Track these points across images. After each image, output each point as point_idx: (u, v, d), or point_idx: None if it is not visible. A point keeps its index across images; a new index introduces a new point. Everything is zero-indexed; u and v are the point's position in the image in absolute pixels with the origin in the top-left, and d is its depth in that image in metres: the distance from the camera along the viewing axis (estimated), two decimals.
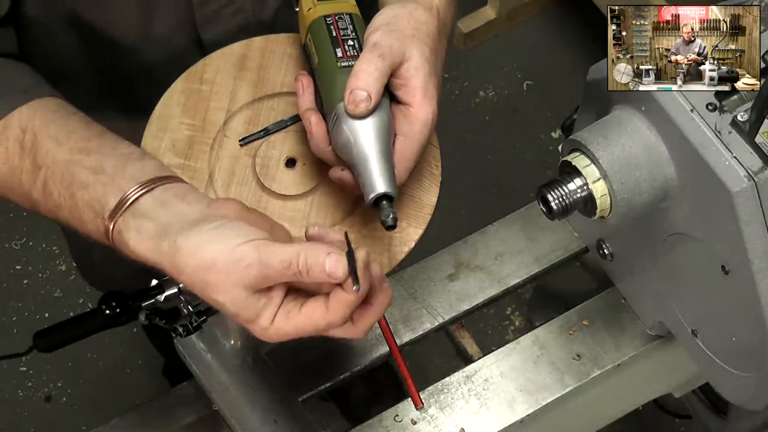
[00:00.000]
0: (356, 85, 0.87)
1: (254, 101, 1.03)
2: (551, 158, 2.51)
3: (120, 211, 0.86)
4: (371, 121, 0.88)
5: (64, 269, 2.41)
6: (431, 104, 0.90)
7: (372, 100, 0.87)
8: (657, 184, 0.99)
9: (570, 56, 2.67)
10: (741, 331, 1.02)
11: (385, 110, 0.89)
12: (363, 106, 0.87)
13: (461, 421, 1.19)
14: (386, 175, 0.87)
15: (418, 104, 0.90)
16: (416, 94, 0.90)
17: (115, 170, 0.88)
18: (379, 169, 0.87)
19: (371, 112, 0.88)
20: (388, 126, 0.89)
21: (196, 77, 1.04)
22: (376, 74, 0.87)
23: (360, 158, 0.88)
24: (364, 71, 0.87)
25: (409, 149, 0.90)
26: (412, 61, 0.90)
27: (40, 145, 0.91)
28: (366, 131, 0.88)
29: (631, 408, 1.39)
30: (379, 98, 0.88)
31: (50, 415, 2.25)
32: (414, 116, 0.90)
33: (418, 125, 0.90)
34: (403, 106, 0.91)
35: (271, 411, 1.18)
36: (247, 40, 1.07)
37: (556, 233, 1.31)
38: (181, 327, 1.06)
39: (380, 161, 0.87)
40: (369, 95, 0.87)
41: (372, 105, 0.87)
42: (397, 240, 0.98)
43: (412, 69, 0.90)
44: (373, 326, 0.86)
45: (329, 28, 0.94)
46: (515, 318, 2.34)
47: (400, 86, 0.91)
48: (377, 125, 0.88)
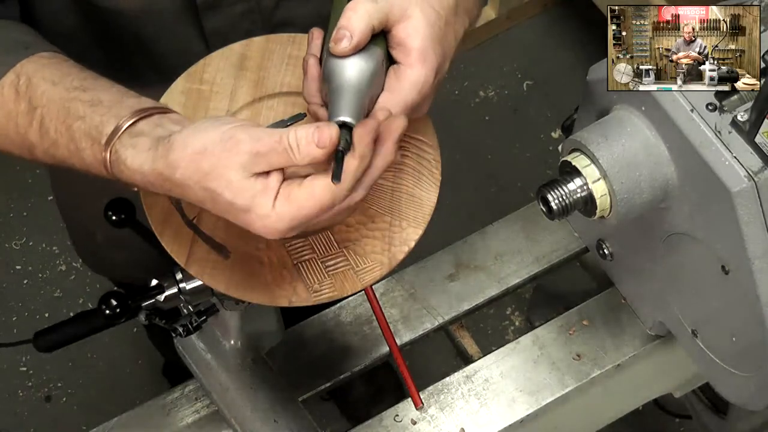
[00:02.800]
0: (341, 23, 0.87)
1: (254, 101, 1.03)
2: (551, 158, 2.51)
3: (117, 134, 0.86)
4: (352, 60, 0.87)
5: (64, 269, 2.41)
6: (425, 67, 0.88)
7: (354, 39, 0.86)
8: (657, 184, 0.99)
9: (570, 56, 2.67)
10: (741, 331, 1.02)
11: (371, 58, 0.88)
12: (343, 44, 0.86)
13: (461, 421, 1.19)
14: (353, 108, 0.86)
15: (410, 64, 0.88)
16: (410, 53, 0.88)
17: (112, 102, 0.89)
18: (347, 101, 0.86)
19: (352, 51, 0.87)
20: (371, 73, 0.88)
21: (196, 77, 1.04)
22: (363, 15, 0.86)
23: (332, 90, 0.88)
24: (351, 10, 0.87)
25: (389, 103, 0.88)
26: (412, 21, 0.88)
27: (35, 87, 0.92)
28: (344, 68, 0.87)
29: (631, 408, 1.40)
30: (363, 39, 0.87)
31: (50, 415, 2.25)
32: (402, 74, 0.89)
33: (406, 83, 0.88)
34: (397, 65, 0.90)
35: (271, 411, 1.18)
36: (247, 40, 1.06)
37: (556, 233, 1.31)
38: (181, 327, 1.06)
39: (350, 94, 0.87)
40: (351, 35, 0.86)
41: (352, 44, 0.86)
42: (397, 240, 0.98)
43: (410, 28, 0.88)
44: (371, 184, 0.84)
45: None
46: (515, 318, 2.34)
47: (396, 45, 0.89)
48: (357, 65, 0.87)
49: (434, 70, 0.89)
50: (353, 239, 0.97)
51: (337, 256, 0.97)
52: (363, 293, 1.24)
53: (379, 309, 1.19)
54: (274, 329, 1.21)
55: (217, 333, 1.19)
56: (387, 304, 1.27)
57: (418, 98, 0.89)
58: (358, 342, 1.25)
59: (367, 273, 0.96)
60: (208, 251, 0.94)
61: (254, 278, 0.94)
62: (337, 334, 1.26)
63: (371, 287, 1.17)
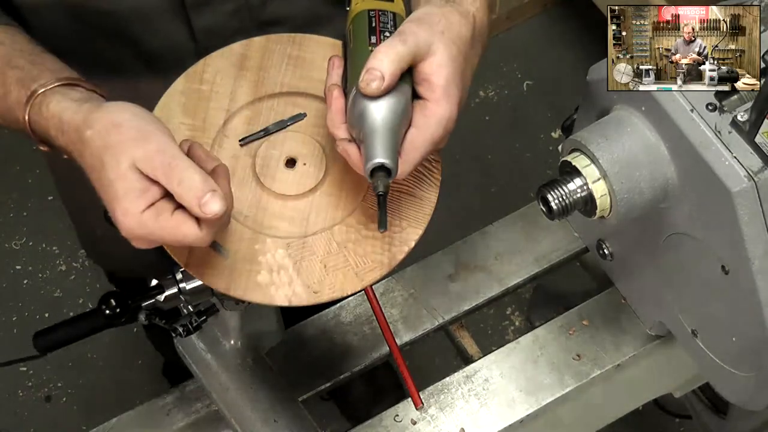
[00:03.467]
0: (371, 65, 0.88)
1: (254, 101, 1.03)
2: (551, 158, 2.51)
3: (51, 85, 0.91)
4: (384, 102, 0.89)
5: (64, 269, 2.41)
6: (449, 103, 0.90)
7: (385, 80, 0.87)
8: (657, 184, 0.99)
9: (570, 56, 2.67)
10: (741, 331, 1.02)
11: (401, 96, 0.90)
12: (375, 85, 0.87)
13: (461, 421, 1.19)
14: (389, 149, 0.88)
15: (436, 100, 0.90)
16: (435, 90, 0.90)
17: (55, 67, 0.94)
18: (382, 143, 0.88)
19: (384, 92, 0.88)
20: (402, 112, 0.89)
21: (196, 77, 1.04)
22: (393, 56, 0.87)
23: (367, 132, 0.89)
24: (382, 52, 0.88)
25: (419, 140, 0.90)
26: (437, 57, 0.90)
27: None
28: (377, 109, 0.88)
29: (631, 408, 1.39)
30: (394, 80, 0.88)
31: (50, 415, 2.25)
32: (430, 110, 0.90)
33: (433, 119, 0.90)
34: (422, 100, 0.91)
35: (271, 411, 1.18)
36: (247, 40, 1.07)
37: (556, 233, 1.31)
38: (181, 327, 1.06)
39: (385, 137, 0.88)
40: (383, 75, 0.87)
41: (385, 85, 0.87)
42: (397, 240, 0.98)
43: (435, 65, 0.90)
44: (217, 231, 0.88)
45: (370, 19, 0.95)
46: (515, 318, 2.34)
47: (421, 81, 0.90)
48: (390, 106, 0.89)
49: (458, 104, 0.91)
50: (353, 239, 0.97)
51: (337, 256, 0.97)
52: (363, 293, 1.24)
53: (379, 309, 1.19)
54: (274, 329, 1.21)
55: (217, 333, 1.19)
56: (387, 304, 1.27)
57: (443, 133, 0.91)
58: (358, 342, 1.25)
59: (367, 273, 0.96)
60: (208, 251, 0.94)
61: (254, 278, 0.94)
62: (337, 334, 1.26)
63: (371, 287, 1.16)
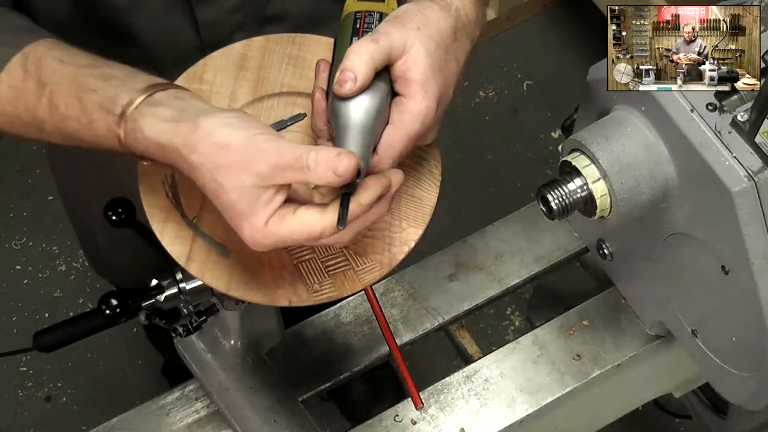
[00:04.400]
0: (344, 66, 0.88)
1: (254, 101, 1.03)
2: (551, 158, 2.51)
3: (134, 104, 0.86)
4: (357, 101, 0.88)
5: (64, 269, 2.41)
6: (426, 99, 0.89)
7: (358, 81, 0.87)
8: (657, 184, 0.99)
9: (570, 56, 2.67)
10: (741, 331, 1.02)
11: (376, 96, 0.89)
12: (348, 87, 0.87)
13: (461, 421, 1.19)
14: (359, 148, 0.87)
15: (411, 96, 0.89)
16: (411, 86, 0.89)
17: (125, 76, 0.89)
18: (352, 142, 0.88)
19: (357, 92, 0.88)
20: (376, 111, 0.89)
21: (196, 77, 1.04)
22: (366, 57, 0.87)
23: (339, 132, 0.89)
24: (354, 52, 0.87)
25: (394, 138, 0.89)
26: (411, 54, 0.89)
27: (44, 66, 0.92)
28: (349, 109, 0.88)
29: (631, 408, 1.40)
30: (367, 81, 0.88)
31: (50, 415, 2.25)
32: (405, 107, 0.89)
33: (408, 115, 0.89)
34: (399, 97, 0.90)
35: (271, 411, 1.18)
36: (247, 40, 1.07)
37: (556, 233, 1.31)
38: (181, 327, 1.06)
39: (357, 136, 0.88)
40: (355, 77, 0.87)
41: (357, 86, 0.87)
42: (397, 240, 0.98)
43: (410, 61, 0.89)
44: (360, 231, 0.87)
45: (356, 22, 0.95)
46: (515, 318, 2.34)
47: (397, 78, 0.90)
48: (362, 106, 0.88)
49: (436, 99, 0.90)
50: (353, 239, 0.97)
51: (337, 256, 0.97)
52: (363, 293, 1.24)
53: (379, 309, 1.19)
54: (274, 329, 1.21)
55: (217, 333, 1.19)
56: (387, 304, 1.27)
57: (421, 129, 0.90)
58: (358, 342, 1.25)
59: (367, 273, 0.96)
60: (208, 251, 0.94)
61: (254, 278, 0.94)
62: (337, 334, 1.26)
63: (371, 287, 1.16)
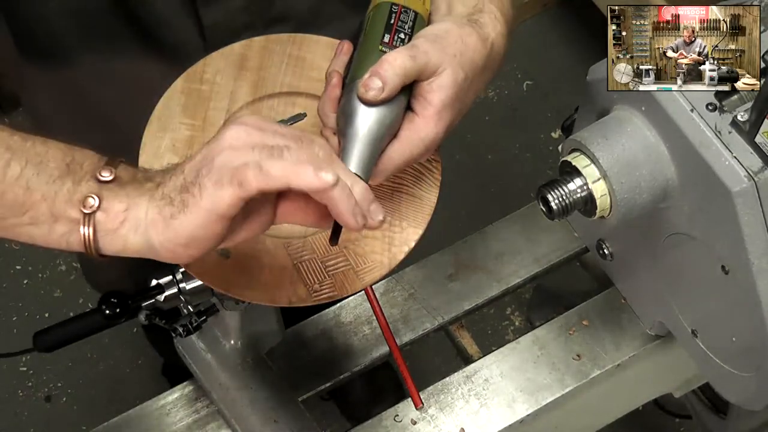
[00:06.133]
0: (376, 72, 0.87)
1: (254, 101, 1.03)
2: (551, 158, 2.51)
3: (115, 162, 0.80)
4: (376, 111, 0.88)
5: (64, 269, 2.41)
6: (438, 126, 0.90)
7: (384, 92, 0.87)
8: (657, 184, 0.99)
9: (570, 56, 2.67)
10: (741, 331, 1.02)
11: (394, 108, 0.89)
12: (373, 94, 0.87)
13: (461, 421, 1.19)
14: (364, 160, 0.88)
15: (426, 118, 0.90)
16: (428, 108, 0.89)
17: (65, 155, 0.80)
18: (359, 152, 0.88)
19: (380, 102, 0.88)
20: (390, 123, 0.89)
21: (196, 77, 1.04)
22: (400, 70, 0.87)
23: (350, 136, 0.88)
24: (389, 62, 0.87)
25: (397, 154, 0.90)
26: (440, 79, 0.89)
27: None
28: (367, 117, 0.88)
29: (631, 408, 1.39)
30: (393, 93, 0.88)
31: (50, 415, 2.25)
32: (416, 126, 0.90)
33: (416, 136, 0.90)
34: (413, 114, 0.91)
35: (271, 411, 1.18)
36: (248, 40, 1.07)
37: (556, 233, 1.31)
38: (181, 327, 1.06)
39: (365, 147, 0.88)
40: (384, 86, 0.87)
41: (382, 96, 0.87)
42: (397, 240, 0.98)
43: (435, 85, 0.89)
44: None
45: (391, 14, 0.94)
46: (515, 318, 2.34)
47: (418, 96, 0.90)
48: (380, 117, 0.88)
49: (446, 128, 0.91)
50: (353, 239, 0.97)
51: (337, 256, 0.97)
52: (363, 293, 1.24)
53: (379, 309, 1.19)
54: (274, 329, 1.21)
55: (217, 333, 1.19)
56: (387, 304, 1.27)
57: (423, 152, 0.91)
58: (358, 342, 1.25)
59: (367, 273, 0.96)
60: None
61: (254, 278, 0.94)
62: (337, 334, 1.26)
63: (371, 287, 1.16)
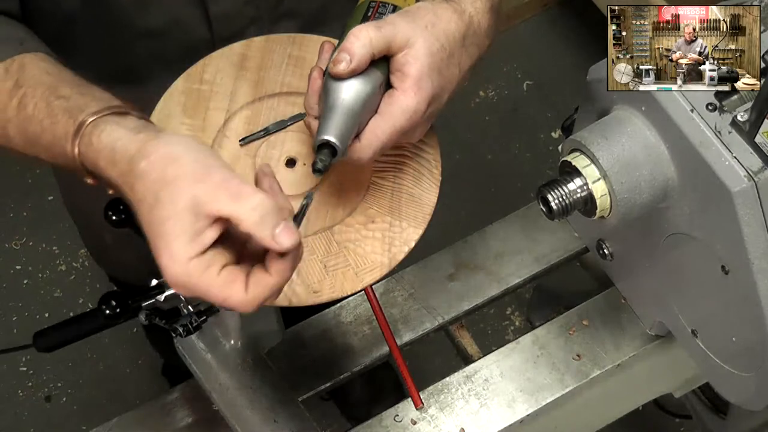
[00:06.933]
0: (343, 46, 0.89)
1: (254, 101, 1.04)
2: (551, 158, 2.51)
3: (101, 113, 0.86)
4: (348, 83, 0.89)
5: (64, 269, 2.41)
6: (418, 96, 0.90)
7: (353, 62, 0.88)
8: (657, 184, 0.99)
9: (570, 56, 2.67)
10: (741, 331, 1.02)
11: (369, 82, 0.90)
12: (341, 67, 0.88)
13: (461, 421, 1.19)
14: (339, 129, 0.88)
15: (404, 90, 0.90)
16: (405, 80, 0.90)
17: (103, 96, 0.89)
18: (335, 122, 0.88)
19: (350, 74, 0.88)
20: (365, 97, 0.89)
21: (196, 77, 1.04)
22: (365, 40, 0.88)
23: (325, 111, 0.89)
24: (354, 35, 0.88)
25: (378, 127, 0.90)
26: (413, 49, 0.90)
27: (27, 71, 0.92)
28: (339, 89, 0.89)
29: (631, 408, 1.39)
30: (361, 64, 0.88)
31: (50, 415, 2.25)
32: (395, 99, 0.90)
33: (396, 108, 0.90)
34: (392, 89, 0.91)
35: (271, 411, 1.18)
36: (248, 40, 1.07)
37: (556, 233, 1.31)
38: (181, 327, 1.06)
39: (340, 117, 0.89)
40: (350, 58, 0.88)
41: (351, 68, 0.88)
42: (397, 240, 0.98)
43: (410, 56, 0.90)
44: (265, 301, 0.80)
45: (368, 10, 0.96)
46: (515, 318, 2.34)
47: (395, 71, 0.91)
48: (353, 89, 0.89)
49: (427, 99, 0.90)
50: (353, 239, 0.97)
51: (337, 256, 0.97)
52: (363, 293, 1.24)
53: (379, 309, 1.19)
54: (274, 329, 1.21)
55: (217, 333, 1.19)
56: (387, 304, 1.27)
57: (407, 125, 0.91)
58: (358, 342, 1.25)
59: (367, 273, 0.96)
60: None
61: None
62: (337, 334, 1.26)
63: (371, 287, 1.17)
